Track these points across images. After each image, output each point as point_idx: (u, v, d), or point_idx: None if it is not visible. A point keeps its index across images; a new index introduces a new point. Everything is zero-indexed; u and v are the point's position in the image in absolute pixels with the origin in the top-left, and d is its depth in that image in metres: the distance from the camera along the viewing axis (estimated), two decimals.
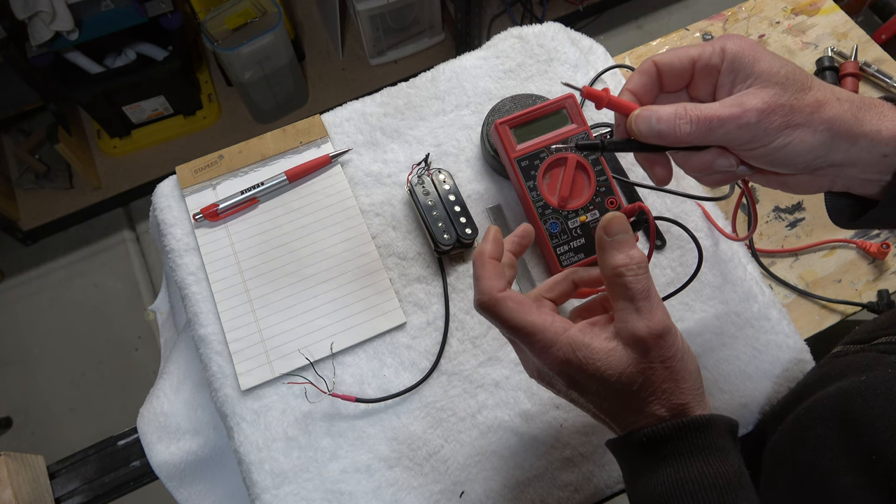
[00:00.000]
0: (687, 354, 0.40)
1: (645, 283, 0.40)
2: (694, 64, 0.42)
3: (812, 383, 0.53)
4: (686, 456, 0.38)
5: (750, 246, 0.67)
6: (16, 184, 1.69)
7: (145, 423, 0.64)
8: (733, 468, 0.38)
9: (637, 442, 0.40)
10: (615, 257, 0.41)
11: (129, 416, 0.65)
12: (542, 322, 0.41)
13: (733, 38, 0.41)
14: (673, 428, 0.39)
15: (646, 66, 0.43)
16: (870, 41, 0.79)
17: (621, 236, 0.41)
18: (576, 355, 0.40)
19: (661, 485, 0.38)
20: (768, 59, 0.40)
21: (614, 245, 0.41)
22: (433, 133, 0.70)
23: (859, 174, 0.41)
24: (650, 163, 0.45)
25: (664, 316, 0.39)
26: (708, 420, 0.39)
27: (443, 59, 0.75)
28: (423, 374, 0.60)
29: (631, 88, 0.44)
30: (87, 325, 1.64)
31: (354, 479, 0.57)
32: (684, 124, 0.40)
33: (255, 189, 0.67)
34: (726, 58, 0.41)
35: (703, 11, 1.99)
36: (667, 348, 0.39)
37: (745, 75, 0.40)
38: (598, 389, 0.41)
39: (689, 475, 0.37)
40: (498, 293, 0.42)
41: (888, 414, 0.40)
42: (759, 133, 0.39)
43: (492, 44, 0.76)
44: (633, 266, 0.40)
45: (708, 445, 0.38)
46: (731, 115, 0.39)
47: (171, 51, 1.52)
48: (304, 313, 0.62)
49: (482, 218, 0.66)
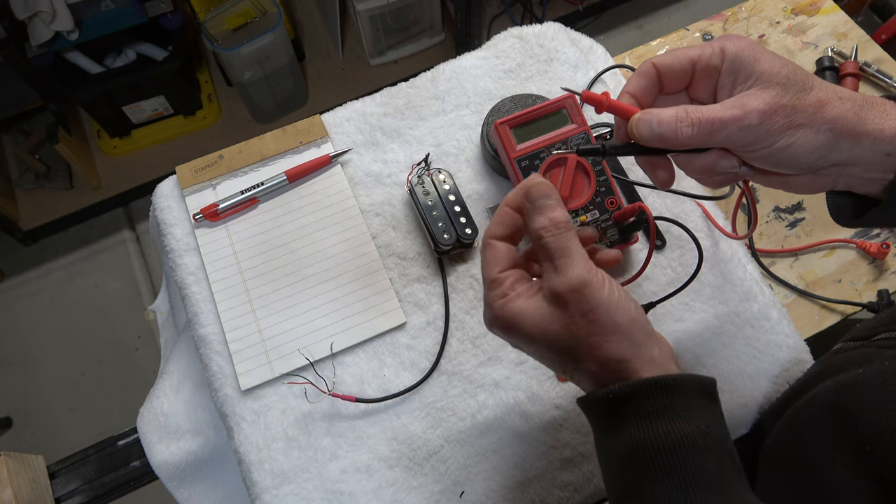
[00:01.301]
0: (617, 307, 0.39)
1: (563, 241, 0.40)
2: (694, 65, 0.42)
3: (810, 379, 0.54)
4: (650, 416, 0.38)
5: (750, 246, 0.67)
6: (16, 184, 1.69)
7: (145, 423, 0.64)
8: (699, 428, 0.37)
9: (602, 400, 0.40)
10: (535, 221, 0.41)
11: (129, 416, 0.65)
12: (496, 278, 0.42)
13: (733, 38, 0.41)
14: (636, 387, 0.38)
15: (645, 69, 0.43)
16: (870, 41, 0.79)
17: (541, 201, 0.41)
18: (505, 318, 0.41)
19: (624, 445, 0.38)
20: (769, 59, 0.40)
21: (535, 210, 0.41)
22: (433, 133, 0.70)
23: (862, 173, 0.41)
24: (652, 166, 0.45)
25: (583, 271, 0.39)
26: (674, 380, 0.39)
27: (443, 59, 0.75)
28: (423, 374, 0.60)
29: (630, 91, 0.43)
30: (87, 325, 1.64)
31: (354, 479, 0.57)
32: (686, 127, 0.40)
33: (255, 189, 0.67)
34: (726, 58, 0.41)
35: (703, 11, 1.99)
36: (585, 301, 0.39)
37: (746, 76, 0.40)
38: (532, 351, 0.42)
39: (651, 436, 0.37)
40: (489, 237, 0.43)
41: (883, 405, 0.40)
42: (762, 134, 0.39)
43: (492, 44, 0.76)
44: (550, 227, 0.40)
45: (673, 406, 0.38)
46: (732, 117, 0.39)
47: (171, 51, 1.52)
48: (304, 313, 0.62)
49: (482, 218, 0.66)
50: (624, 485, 0.38)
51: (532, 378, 0.60)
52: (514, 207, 0.43)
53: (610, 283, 0.40)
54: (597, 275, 0.39)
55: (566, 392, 0.60)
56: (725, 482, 0.37)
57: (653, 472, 0.37)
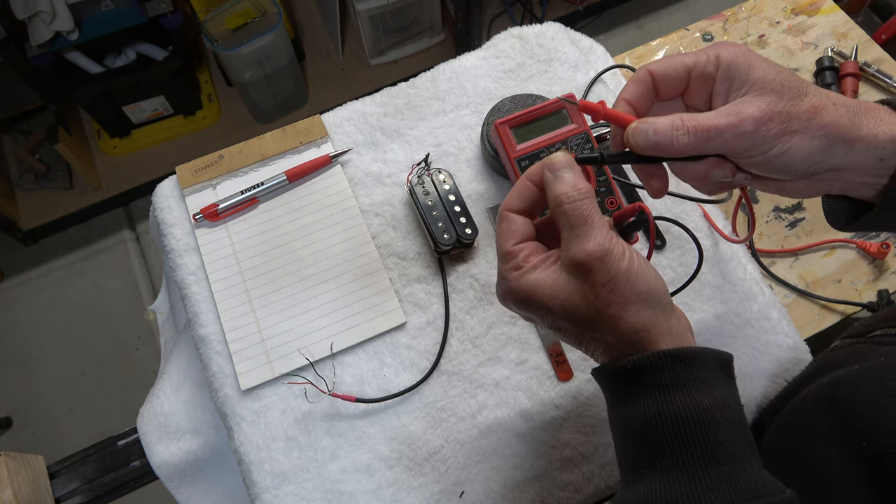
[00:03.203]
0: (637, 276, 0.39)
1: (585, 209, 0.39)
2: (689, 72, 0.42)
3: (807, 376, 0.54)
4: (668, 388, 0.38)
5: (750, 246, 0.67)
6: (16, 184, 1.69)
7: (145, 423, 0.64)
8: (716, 401, 0.38)
9: (619, 371, 0.39)
10: (556, 187, 0.41)
11: (129, 416, 0.65)
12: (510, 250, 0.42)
13: (727, 45, 0.41)
14: (656, 358, 0.38)
15: (640, 76, 0.43)
16: (870, 41, 0.79)
17: (564, 171, 0.41)
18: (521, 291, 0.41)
19: (641, 415, 0.38)
20: (763, 66, 0.40)
21: (557, 178, 0.41)
22: (433, 133, 0.70)
23: (856, 178, 0.41)
24: (647, 175, 0.45)
25: (605, 239, 0.39)
26: (694, 352, 0.39)
27: (443, 59, 0.75)
28: (423, 374, 0.60)
29: (626, 98, 0.44)
30: (87, 325, 1.64)
31: (354, 479, 0.57)
32: (682, 135, 0.40)
33: (255, 189, 0.67)
34: (721, 66, 0.41)
35: (703, 11, 1.99)
36: (606, 270, 0.38)
37: (741, 83, 0.40)
38: (549, 322, 0.42)
39: (669, 407, 0.37)
40: (505, 209, 0.43)
41: (878, 401, 0.40)
42: (757, 141, 0.39)
43: (492, 44, 0.76)
44: (572, 194, 0.40)
45: (693, 378, 0.38)
46: (728, 125, 0.39)
47: (171, 51, 1.52)
48: (304, 313, 0.62)
49: (482, 218, 0.66)
50: (638, 454, 0.38)
51: (532, 378, 0.60)
52: (533, 181, 0.43)
53: (630, 252, 0.40)
54: (618, 244, 0.39)
55: (566, 392, 0.60)
56: (739, 455, 0.37)
57: (669, 442, 0.37)
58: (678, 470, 0.36)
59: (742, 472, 0.36)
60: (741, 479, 0.35)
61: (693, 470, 0.36)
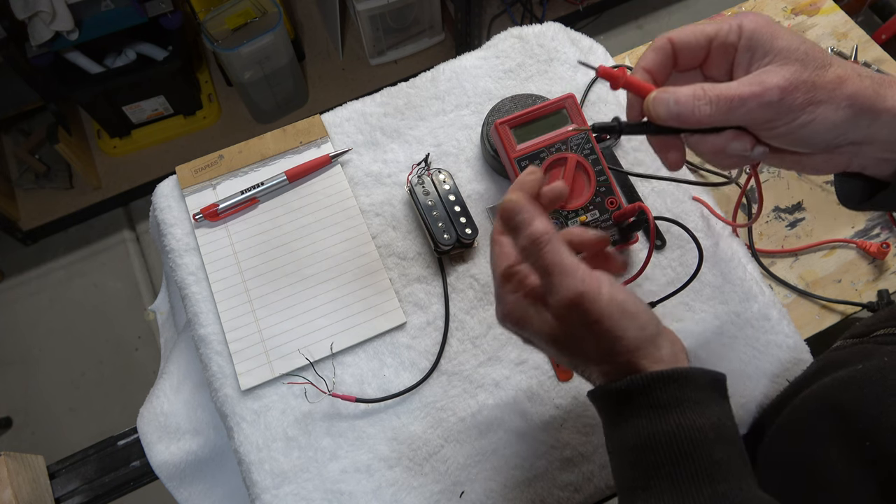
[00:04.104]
0: (620, 312, 0.39)
1: (549, 257, 0.39)
2: (710, 41, 0.41)
3: (809, 377, 0.54)
4: (662, 408, 0.38)
5: (750, 246, 0.67)
6: (16, 184, 1.69)
7: (145, 423, 0.64)
8: (710, 421, 0.38)
9: (613, 393, 0.39)
10: (518, 241, 0.41)
11: (129, 416, 0.65)
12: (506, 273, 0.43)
13: (750, 15, 0.40)
14: (649, 379, 0.38)
15: (660, 44, 0.42)
16: (870, 41, 0.79)
17: (516, 220, 0.40)
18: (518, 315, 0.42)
19: (635, 436, 0.38)
20: (787, 36, 0.39)
21: (513, 231, 0.41)
22: (433, 133, 0.70)
23: (876, 153, 0.40)
24: (664, 147, 0.44)
25: (577, 283, 0.38)
26: (686, 373, 0.39)
27: (443, 59, 0.75)
28: (423, 374, 0.60)
29: (645, 66, 0.42)
30: (87, 325, 1.64)
31: (354, 479, 0.57)
32: (704, 105, 0.39)
33: (255, 189, 0.67)
34: (743, 35, 0.40)
35: (703, 11, 1.99)
36: (586, 314, 0.38)
37: (764, 52, 0.39)
38: (543, 348, 0.42)
39: (663, 428, 0.37)
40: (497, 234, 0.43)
41: (882, 401, 0.40)
42: (782, 111, 0.38)
43: (492, 44, 0.76)
44: (530, 247, 0.40)
45: (686, 398, 0.38)
46: (752, 94, 0.38)
47: (171, 51, 1.52)
48: (304, 313, 0.62)
49: (482, 218, 0.66)
50: (633, 475, 0.38)
51: (532, 378, 0.60)
52: None
53: (610, 286, 0.39)
54: (592, 282, 0.38)
55: (566, 392, 0.60)
56: (735, 474, 0.37)
57: (663, 462, 0.37)
58: (673, 490, 0.36)
59: (738, 490, 0.36)
60: (736, 498, 0.35)
61: (688, 489, 0.36)
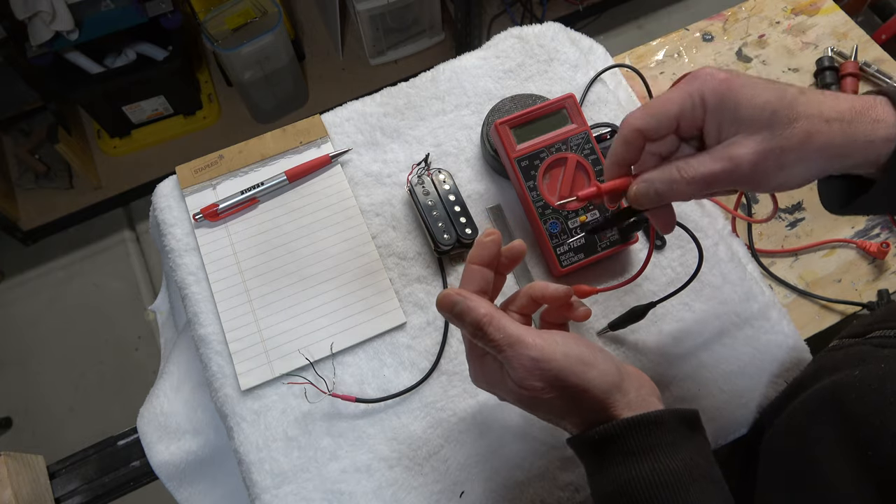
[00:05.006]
0: (580, 368, 0.40)
1: (495, 340, 0.41)
2: (677, 121, 0.42)
3: (808, 377, 0.54)
4: (635, 455, 0.39)
5: (750, 246, 0.67)
6: (16, 184, 1.69)
7: (145, 423, 0.64)
8: (684, 462, 0.38)
9: (587, 442, 0.41)
10: (466, 332, 0.43)
11: (129, 416, 0.65)
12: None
13: (707, 80, 0.41)
14: (620, 427, 0.39)
15: (629, 135, 0.43)
16: (870, 41, 0.79)
17: (456, 309, 0.42)
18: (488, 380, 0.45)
19: (611, 483, 0.39)
20: (748, 98, 0.39)
21: (456, 320, 0.43)
22: (433, 133, 0.70)
23: (853, 170, 0.42)
24: (656, 216, 0.46)
25: (533, 353, 0.40)
26: (656, 417, 0.40)
27: (443, 59, 0.75)
28: (423, 374, 0.60)
29: (617, 161, 0.44)
30: (87, 325, 1.64)
31: (354, 479, 0.57)
32: (682, 186, 0.41)
33: (255, 189, 0.67)
34: (708, 109, 0.41)
35: (702, 11, 1.99)
36: (545, 380, 0.40)
37: (730, 122, 0.40)
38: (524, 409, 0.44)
39: (637, 474, 0.38)
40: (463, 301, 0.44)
41: (882, 409, 0.40)
42: (756, 178, 0.40)
43: (492, 44, 0.76)
44: (474, 333, 0.42)
45: (657, 443, 0.39)
46: (723, 170, 0.40)
47: (171, 51, 1.52)
48: (304, 313, 0.62)
49: (482, 218, 0.66)
50: None
51: None
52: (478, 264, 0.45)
53: (563, 342, 0.41)
54: (544, 344, 0.40)
55: None
56: None
57: None
58: None
59: None
60: None
61: None
